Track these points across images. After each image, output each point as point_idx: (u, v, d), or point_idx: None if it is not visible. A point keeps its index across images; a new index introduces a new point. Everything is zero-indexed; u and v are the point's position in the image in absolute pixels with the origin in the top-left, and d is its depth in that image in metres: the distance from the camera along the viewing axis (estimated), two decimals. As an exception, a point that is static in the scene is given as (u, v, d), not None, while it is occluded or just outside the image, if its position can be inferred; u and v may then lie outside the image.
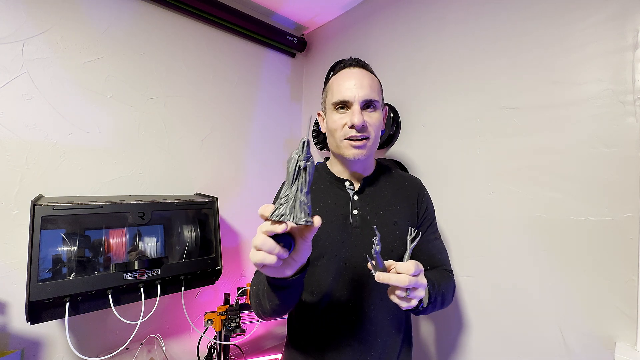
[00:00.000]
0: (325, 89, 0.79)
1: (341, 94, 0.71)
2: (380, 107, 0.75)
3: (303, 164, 0.44)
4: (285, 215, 0.43)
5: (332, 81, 0.76)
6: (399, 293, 0.54)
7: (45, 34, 1.04)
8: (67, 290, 0.86)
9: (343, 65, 0.77)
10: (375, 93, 0.73)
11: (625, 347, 0.73)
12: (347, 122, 0.71)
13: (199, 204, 1.19)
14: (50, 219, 0.87)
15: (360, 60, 0.77)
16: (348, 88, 0.71)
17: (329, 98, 0.76)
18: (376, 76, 0.77)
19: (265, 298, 0.59)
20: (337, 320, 0.72)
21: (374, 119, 0.72)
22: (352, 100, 0.70)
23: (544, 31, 0.90)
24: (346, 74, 0.73)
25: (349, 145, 0.72)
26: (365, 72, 0.74)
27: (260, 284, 0.61)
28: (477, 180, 1.04)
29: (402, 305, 0.56)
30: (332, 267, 0.72)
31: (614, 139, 0.78)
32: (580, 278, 0.82)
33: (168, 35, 1.31)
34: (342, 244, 0.72)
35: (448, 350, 1.09)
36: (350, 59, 0.77)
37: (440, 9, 1.17)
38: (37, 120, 1.02)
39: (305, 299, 0.73)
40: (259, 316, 0.66)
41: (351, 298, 0.71)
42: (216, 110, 1.46)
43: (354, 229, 0.73)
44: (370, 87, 0.72)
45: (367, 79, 0.72)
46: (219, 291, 1.47)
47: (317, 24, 1.72)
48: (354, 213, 0.74)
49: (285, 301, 0.58)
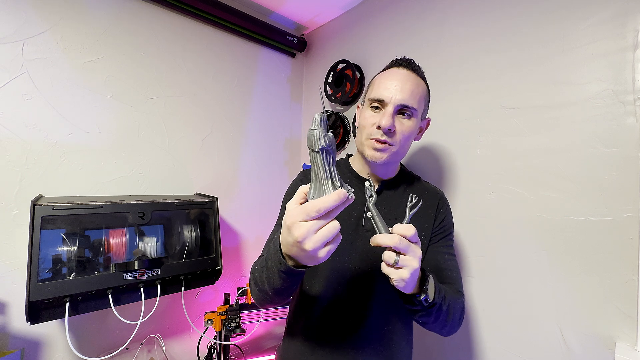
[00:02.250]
0: (369, 83, 0.77)
1: (379, 92, 0.69)
2: (417, 116, 0.71)
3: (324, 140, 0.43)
4: (350, 188, 0.44)
5: (377, 77, 0.74)
6: (387, 258, 0.50)
7: (45, 34, 1.04)
8: (67, 290, 0.86)
9: (392, 64, 0.74)
10: (415, 100, 0.69)
11: (625, 347, 0.73)
12: (376, 122, 0.68)
13: (199, 204, 1.19)
14: (50, 219, 0.87)
15: (411, 62, 0.73)
16: (387, 88, 0.68)
17: (368, 93, 0.74)
18: (426, 83, 0.74)
19: (266, 284, 0.57)
20: (332, 321, 0.70)
21: (406, 126, 0.69)
22: (387, 101, 0.68)
23: (544, 31, 0.90)
24: (391, 73, 0.70)
25: (370, 146, 0.69)
26: (412, 76, 0.70)
27: (261, 270, 0.59)
28: (477, 180, 1.04)
29: (393, 278, 0.51)
30: (336, 267, 0.70)
31: (614, 139, 0.78)
32: (580, 278, 0.82)
33: (168, 35, 1.31)
34: (351, 244, 0.70)
35: (448, 350, 1.09)
36: (401, 59, 0.73)
37: (440, 9, 1.17)
38: (37, 120, 1.02)
39: (305, 296, 0.73)
40: (257, 302, 0.64)
41: (350, 301, 0.69)
42: (216, 110, 1.46)
43: (365, 231, 0.71)
44: (412, 92, 0.68)
45: (411, 84, 0.69)
46: (219, 291, 1.47)
47: (317, 24, 1.72)
48: (367, 215, 0.71)
49: (290, 287, 0.56)
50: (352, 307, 0.70)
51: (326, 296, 0.71)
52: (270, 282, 0.56)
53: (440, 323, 0.62)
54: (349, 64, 1.44)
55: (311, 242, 0.42)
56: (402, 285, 0.51)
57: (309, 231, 0.42)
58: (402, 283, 0.51)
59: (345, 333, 0.69)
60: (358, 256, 0.70)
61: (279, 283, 0.54)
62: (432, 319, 0.60)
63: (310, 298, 0.72)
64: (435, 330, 0.65)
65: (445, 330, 0.65)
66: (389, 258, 0.50)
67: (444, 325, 0.63)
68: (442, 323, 0.62)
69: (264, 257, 0.63)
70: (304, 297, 0.74)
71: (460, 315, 0.67)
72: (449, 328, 0.65)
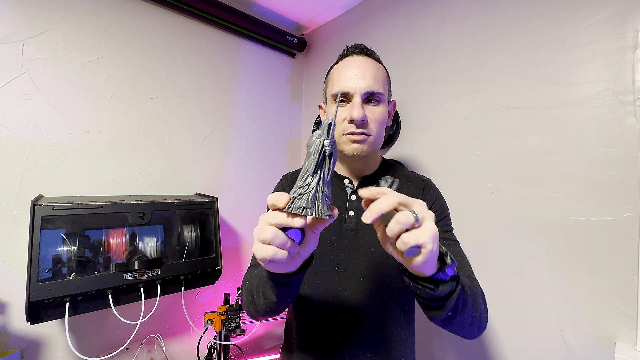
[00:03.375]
0: (326, 79, 0.72)
1: (341, 84, 0.64)
2: (385, 101, 0.67)
3: (329, 150, 0.39)
4: (306, 208, 0.38)
5: (334, 70, 0.69)
6: (404, 219, 0.37)
7: (45, 34, 1.04)
8: (67, 290, 0.86)
9: (346, 53, 0.69)
10: (380, 84, 0.65)
11: (625, 347, 0.73)
12: (346, 116, 0.64)
13: (199, 204, 1.19)
14: (50, 219, 0.87)
15: (365, 48, 0.69)
16: (349, 78, 0.64)
17: (329, 89, 0.69)
18: (383, 65, 0.69)
19: (261, 295, 0.53)
20: (321, 328, 0.65)
21: (377, 113, 0.65)
22: (352, 92, 0.63)
23: (545, 31, 0.90)
24: (348, 63, 0.66)
25: (347, 140, 0.65)
26: (369, 61, 0.66)
27: (254, 280, 0.56)
28: (477, 180, 1.04)
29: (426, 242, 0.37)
30: (322, 271, 0.66)
31: (614, 139, 0.78)
32: (580, 278, 0.82)
33: (168, 36, 1.31)
34: (334, 246, 0.66)
35: (447, 350, 1.09)
36: (354, 46, 0.69)
37: (440, 9, 1.17)
38: (37, 120, 1.02)
39: (296, 303, 0.69)
40: (249, 314, 0.60)
41: (340, 307, 0.64)
42: (216, 110, 1.46)
43: (348, 231, 0.67)
44: (374, 77, 0.64)
45: (371, 69, 0.65)
46: (219, 291, 1.47)
47: (317, 24, 1.72)
48: (349, 214, 0.68)
49: (282, 299, 0.53)
50: (343, 313, 0.64)
51: (316, 301, 0.66)
52: (264, 291, 0.52)
53: (469, 313, 0.50)
54: (349, 64, 1.44)
55: (255, 229, 0.40)
56: (432, 254, 0.38)
57: (261, 218, 0.40)
58: (433, 247, 0.37)
59: (339, 342, 0.64)
60: (344, 257, 0.66)
61: (271, 294, 0.51)
62: (460, 306, 0.48)
63: (300, 304, 0.68)
64: (464, 328, 0.52)
65: (476, 325, 0.53)
66: (408, 216, 0.37)
67: (472, 316, 0.51)
68: (470, 313, 0.50)
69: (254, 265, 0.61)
70: (295, 303, 0.70)
71: (484, 301, 0.57)
72: (479, 321, 0.53)
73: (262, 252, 0.39)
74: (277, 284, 0.49)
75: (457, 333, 0.55)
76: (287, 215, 0.38)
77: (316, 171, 0.39)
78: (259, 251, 0.39)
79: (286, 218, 0.38)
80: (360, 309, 0.64)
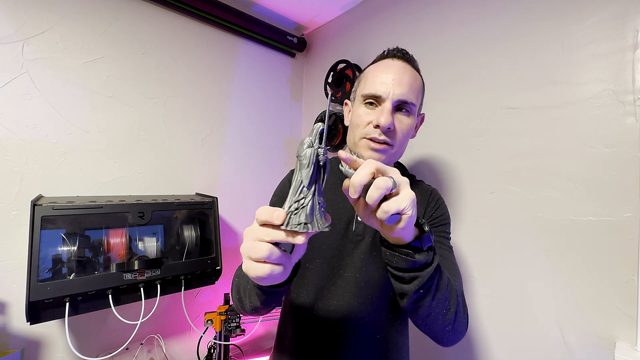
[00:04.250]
0: (359, 77, 0.69)
1: (375, 86, 0.62)
2: (415, 113, 0.64)
3: (323, 160, 0.37)
4: (307, 224, 0.35)
5: (369, 70, 0.66)
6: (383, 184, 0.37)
7: (45, 34, 1.04)
8: (67, 290, 0.86)
9: (386, 54, 0.66)
10: (414, 95, 0.62)
11: (625, 347, 0.73)
12: (372, 120, 0.61)
13: (199, 204, 1.19)
14: (50, 219, 0.87)
15: (407, 53, 0.66)
16: (384, 82, 0.61)
17: (360, 88, 0.66)
18: (421, 75, 0.67)
19: (247, 297, 0.53)
20: (319, 329, 0.65)
21: (405, 124, 0.62)
22: (384, 97, 0.60)
23: (545, 31, 0.90)
24: (386, 66, 0.63)
25: (366, 145, 0.62)
26: (408, 68, 0.63)
27: (242, 279, 0.55)
28: (477, 180, 1.04)
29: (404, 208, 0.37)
30: (324, 273, 0.66)
31: (614, 139, 0.78)
32: (581, 278, 0.82)
33: (168, 35, 1.31)
34: (340, 250, 0.66)
35: (447, 350, 1.09)
36: (395, 49, 0.66)
37: (440, 9, 1.17)
38: (37, 120, 1.03)
39: (294, 302, 0.69)
40: (238, 310, 0.61)
41: (339, 309, 0.64)
42: (216, 110, 1.46)
43: (355, 235, 0.66)
44: (410, 86, 0.61)
45: (409, 76, 0.62)
46: (219, 291, 1.47)
47: (317, 24, 1.72)
48: (358, 219, 0.67)
49: (268, 304, 0.53)
50: (342, 316, 0.65)
51: (317, 304, 0.66)
52: (250, 295, 0.52)
53: (442, 301, 0.49)
54: (349, 64, 1.44)
55: (243, 244, 0.38)
56: (412, 219, 0.39)
57: (248, 232, 0.38)
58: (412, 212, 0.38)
59: (336, 344, 0.65)
60: (347, 262, 0.66)
61: (255, 299, 0.51)
62: (434, 288, 0.47)
63: (298, 307, 0.68)
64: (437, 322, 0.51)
65: (450, 323, 0.51)
66: (386, 181, 0.37)
67: (447, 308, 0.50)
68: (444, 302, 0.49)
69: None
70: (292, 305, 0.69)
71: (464, 305, 0.55)
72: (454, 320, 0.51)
73: (258, 271, 0.36)
74: (264, 293, 0.48)
75: (429, 328, 0.52)
76: (285, 234, 0.36)
77: (312, 184, 0.36)
78: (253, 270, 0.37)
79: (285, 236, 0.36)
80: (360, 312, 0.64)
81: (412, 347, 0.79)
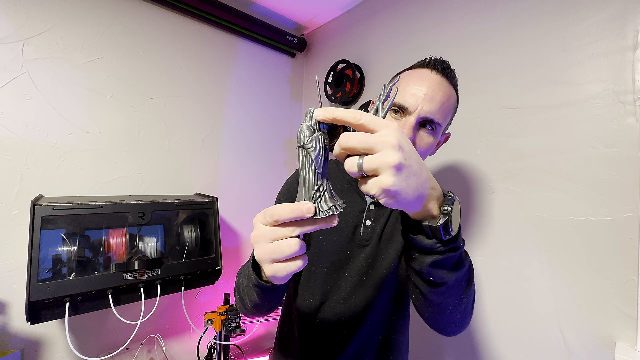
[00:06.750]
0: (393, 78, 0.66)
1: (404, 97, 0.58)
2: (439, 132, 0.61)
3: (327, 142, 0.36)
4: (333, 206, 0.34)
5: (404, 76, 0.63)
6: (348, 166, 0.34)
7: (45, 34, 1.04)
8: (67, 290, 0.86)
9: (426, 63, 0.62)
10: (443, 114, 0.59)
11: (625, 347, 0.73)
12: None
13: (199, 204, 1.19)
14: (50, 219, 0.87)
15: (448, 67, 0.62)
16: (414, 94, 0.58)
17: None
18: (457, 93, 0.63)
19: (246, 296, 0.53)
20: (324, 331, 0.66)
21: (425, 142, 0.59)
22: (411, 110, 0.57)
23: (545, 31, 0.90)
24: (422, 77, 0.60)
25: None
26: (445, 84, 0.60)
27: (242, 279, 0.55)
28: (477, 180, 1.04)
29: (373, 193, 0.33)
30: (330, 276, 0.66)
31: (614, 139, 0.78)
32: (581, 278, 0.82)
33: (168, 35, 1.31)
34: (347, 254, 0.66)
35: (447, 350, 1.09)
36: (437, 60, 0.62)
37: (440, 9, 1.17)
38: (37, 120, 1.02)
39: (299, 305, 0.69)
40: (241, 311, 0.59)
41: (344, 311, 0.65)
42: (216, 110, 1.46)
43: (362, 240, 0.66)
44: (442, 104, 0.58)
45: (442, 94, 0.58)
46: (219, 291, 1.47)
47: (317, 24, 1.72)
48: (366, 224, 0.66)
49: (268, 301, 0.52)
50: (348, 319, 0.65)
51: (321, 307, 0.67)
52: (249, 293, 0.51)
53: (460, 287, 0.45)
54: (349, 64, 1.44)
55: (259, 249, 0.36)
56: (390, 202, 0.34)
57: (261, 236, 0.36)
58: (389, 200, 0.34)
59: (340, 345, 0.66)
60: (354, 265, 0.66)
61: (254, 297, 0.50)
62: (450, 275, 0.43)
63: (303, 309, 0.68)
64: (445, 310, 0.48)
65: (459, 311, 0.48)
66: (350, 165, 0.34)
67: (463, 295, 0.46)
68: (461, 288, 0.45)
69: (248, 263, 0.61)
70: (297, 308, 0.70)
71: (474, 295, 0.52)
72: (463, 311, 0.49)
73: (292, 267, 0.35)
74: (264, 290, 0.48)
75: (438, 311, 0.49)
76: (319, 222, 0.34)
77: (325, 169, 0.36)
78: (282, 270, 0.35)
79: (320, 225, 0.34)
80: (364, 314, 0.65)
81: (412, 347, 0.79)
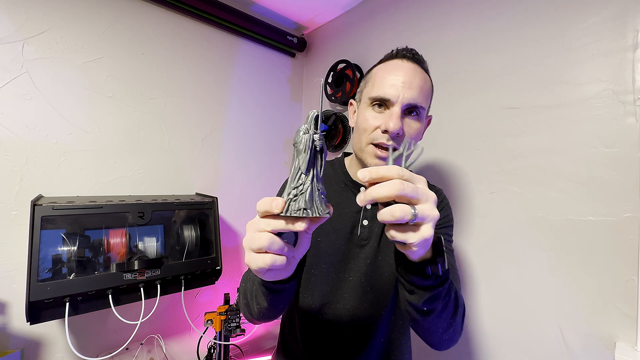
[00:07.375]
0: (366, 77, 0.67)
1: (383, 89, 0.59)
2: (424, 116, 0.62)
3: (319, 144, 0.36)
4: (306, 209, 0.35)
5: (377, 70, 0.64)
6: (399, 214, 0.33)
7: (45, 34, 1.04)
8: (67, 290, 0.86)
9: (395, 54, 0.64)
10: (424, 98, 0.60)
11: (625, 347, 0.73)
12: (381, 125, 0.59)
13: (199, 204, 1.19)
14: (50, 219, 0.87)
15: (417, 54, 0.63)
16: (393, 84, 0.58)
17: (367, 89, 0.63)
18: (430, 77, 0.65)
19: (254, 300, 0.51)
20: (326, 333, 0.65)
21: (414, 129, 0.60)
22: (394, 100, 0.58)
23: (545, 31, 0.90)
24: (396, 67, 0.61)
25: (373, 153, 0.60)
26: (419, 70, 0.61)
27: (249, 283, 0.54)
28: (477, 180, 1.04)
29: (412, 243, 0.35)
30: (330, 277, 0.66)
31: (614, 139, 0.78)
32: (581, 278, 0.82)
33: (168, 35, 1.31)
34: (345, 255, 0.66)
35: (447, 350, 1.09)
36: (405, 49, 0.64)
37: (440, 9, 1.17)
38: (37, 120, 1.02)
39: (300, 307, 0.68)
40: (246, 317, 0.58)
41: (345, 313, 0.64)
42: (216, 110, 1.46)
43: (360, 240, 0.66)
44: (421, 89, 0.59)
45: (419, 79, 0.60)
46: (219, 291, 1.47)
47: (317, 24, 1.72)
48: (363, 224, 0.66)
49: (275, 305, 0.51)
50: (349, 321, 0.65)
51: (321, 308, 0.66)
52: (256, 296, 0.50)
53: (448, 313, 0.48)
54: (349, 64, 1.44)
55: (245, 239, 0.37)
56: (422, 253, 0.37)
57: (249, 225, 0.37)
58: (424, 247, 0.37)
59: (343, 347, 0.65)
60: (352, 266, 0.65)
61: (262, 300, 0.49)
62: (441, 303, 0.46)
63: (304, 311, 0.68)
64: (436, 332, 0.51)
65: (449, 332, 0.52)
66: (404, 213, 0.33)
67: (451, 319, 0.49)
68: (449, 313, 0.48)
69: None
70: (298, 310, 0.69)
71: (463, 315, 0.54)
72: (452, 330, 0.51)
73: (259, 262, 0.35)
74: (270, 291, 0.47)
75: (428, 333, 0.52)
76: (285, 221, 0.35)
77: (309, 169, 0.36)
78: (254, 261, 0.36)
79: (285, 224, 0.35)
80: (365, 316, 0.65)
81: (414, 347, 0.79)
